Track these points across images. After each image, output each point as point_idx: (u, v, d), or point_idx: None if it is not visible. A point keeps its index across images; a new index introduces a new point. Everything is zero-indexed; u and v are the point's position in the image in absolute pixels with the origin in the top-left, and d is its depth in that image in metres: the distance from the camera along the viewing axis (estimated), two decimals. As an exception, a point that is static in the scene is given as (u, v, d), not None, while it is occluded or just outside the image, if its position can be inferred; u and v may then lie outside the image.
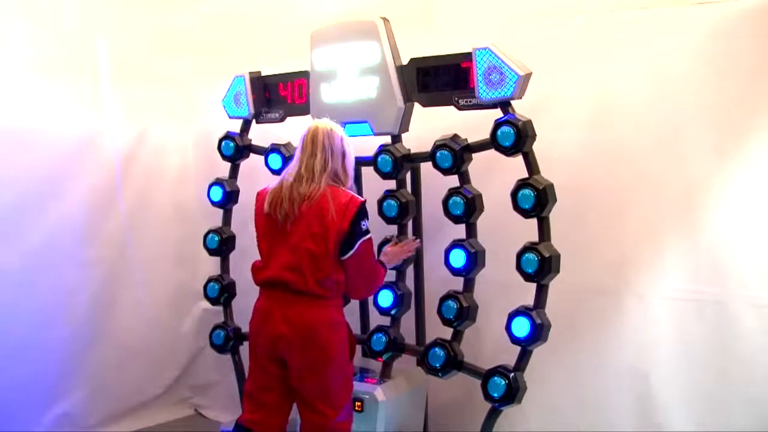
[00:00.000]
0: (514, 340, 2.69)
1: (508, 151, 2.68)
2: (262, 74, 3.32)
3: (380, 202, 3.01)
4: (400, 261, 2.95)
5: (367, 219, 2.54)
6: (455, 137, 2.83)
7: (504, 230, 2.86)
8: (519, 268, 2.68)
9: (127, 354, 3.87)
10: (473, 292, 2.88)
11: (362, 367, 3.18)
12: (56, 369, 3.60)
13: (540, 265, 2.62)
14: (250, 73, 3.30)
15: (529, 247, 2.66)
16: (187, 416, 4.17)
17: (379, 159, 2.98)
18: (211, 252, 3.46)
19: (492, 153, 2.72)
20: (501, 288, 3.00)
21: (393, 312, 3.03)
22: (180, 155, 4.12)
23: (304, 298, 2.48)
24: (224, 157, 3.42)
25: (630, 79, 2.89)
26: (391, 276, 3.06)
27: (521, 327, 2.66)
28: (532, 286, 2.69)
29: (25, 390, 3.45)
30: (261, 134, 3.42)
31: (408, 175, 3.07)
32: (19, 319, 3.42)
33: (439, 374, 2.85)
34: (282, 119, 3.31)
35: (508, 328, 2.70)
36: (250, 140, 3.42)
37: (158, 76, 3.95)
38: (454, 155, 2.80)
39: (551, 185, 2.64)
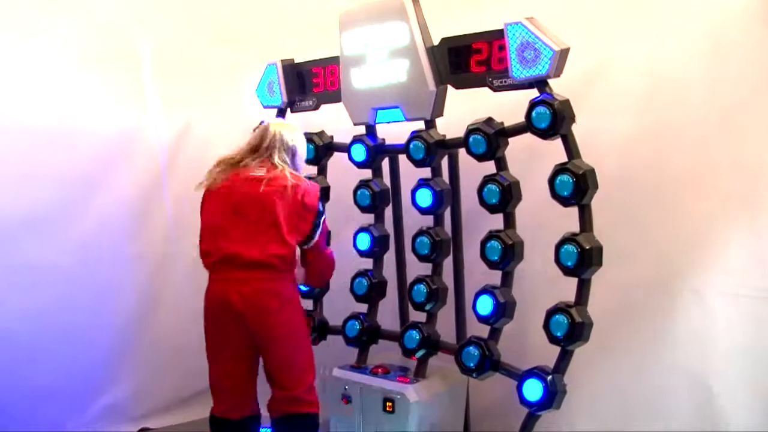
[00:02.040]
0: (553, 339, 2.48)
1: (544, 134, 2.47)
2: (295, 61, 3.22)
3: (413, 191, 2.86)
4: None
5: None
6: (489, 121, 2.64)
7: (552, 221, 2.65)
8: (557, 261, 2.47)
9: (173, 348, 3.86)
10: (512, 287, 2.69)
11: (400, 365, 3.04)
12: (103, 362, 3.64)
13: (580, 258, 2.41)
14: (282, 60, 3.21)
15: (569, 239, 2.45)
16: (235, 410, 4.13)
17: (411, 146, 2.82)
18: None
19: (535, 139, 2.52)
20: (549, 283, 2.79)
21: (428, 307, 2.87)
22: (226, 149, 4.07)
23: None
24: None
25: (682, 52, 2.62)
26: (426, 269, 2.91)
27: (559, 325, 2.45)
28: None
29: (72, 382, 3.50)
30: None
31: (446, 164, 2.91)
32: (66, 314, 3.46)
33: (474, 374, 2.68)
34: (316, 107, 3.21)
35: (546, 326, 2.49)
36: (285, 130, 3.34)
37: (202, 69, 3.90)
38: (489, 140, 2.61)
39: (592, 170, 2.42)
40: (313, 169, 3.24)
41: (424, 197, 2.83)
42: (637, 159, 2.76)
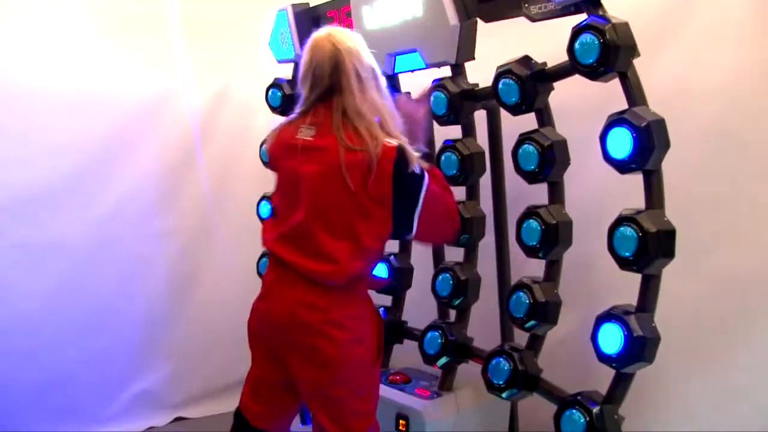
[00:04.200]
0: (602, 357, 1.81)
1: (594, 73, 1.79)
2: (310, 6, 2.71)
3: (438, 156, 2.27)
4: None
5: None
6: (525, 60, 1.99)
7: (615, 193, 1.99)
8: (611, 248, 1.79)
9: (210, 331, 3.54)
10: (557, 282, 2.03)
11: (430, 372, 2.48)
12: (134, 345, 3.37)
13: (640, 245, 1.71)
14: (293, 5, 2.71)
15: (626, 218, 1.76)
16: (279, 400, 3.78)
17: (432, 98, 2.22)
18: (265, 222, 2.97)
19: (600, 87, 1.85)
20: (615, 277, 2.07)
21: (455, 303, 2.27)
22: (266, 115, 3.67)
23: None
24: (273, 109, 2.90)
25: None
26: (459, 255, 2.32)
27: (611, 339, 1.77)
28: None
29: (98, 369, 3.26)
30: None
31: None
32: (91, 294, 3.21)
33: (503, 394, 2.06)
34: (335, 58, 2.68)
35: (593, 338, 1.83)
36: (304, 87, 2.85)
37: (238, 30, 3.52)
38: (522, 85, 1.96)
39: (660, 122, 1.71)
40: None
41: (449, 164, 2.23)
42: (736, 106, 2.00)
